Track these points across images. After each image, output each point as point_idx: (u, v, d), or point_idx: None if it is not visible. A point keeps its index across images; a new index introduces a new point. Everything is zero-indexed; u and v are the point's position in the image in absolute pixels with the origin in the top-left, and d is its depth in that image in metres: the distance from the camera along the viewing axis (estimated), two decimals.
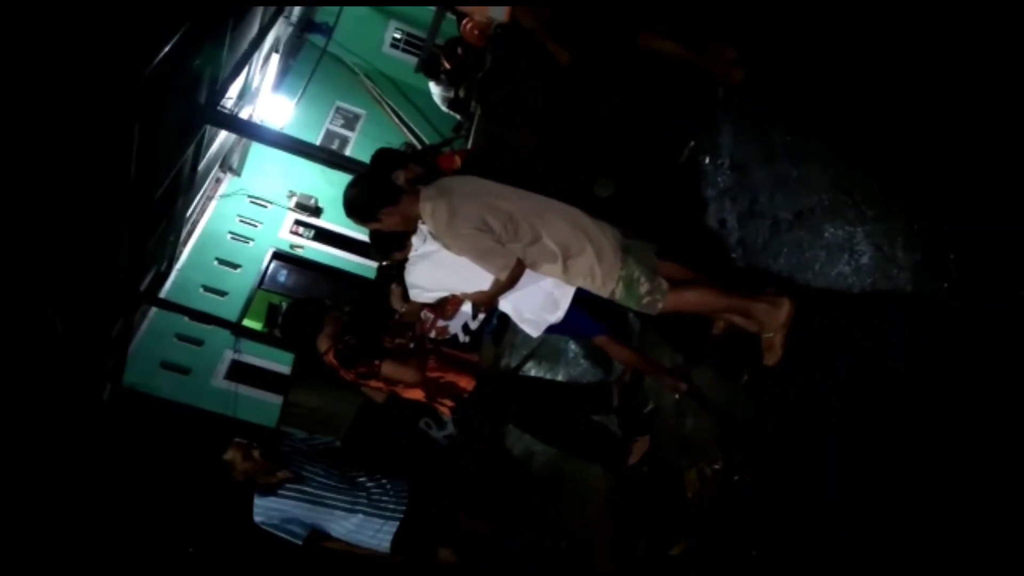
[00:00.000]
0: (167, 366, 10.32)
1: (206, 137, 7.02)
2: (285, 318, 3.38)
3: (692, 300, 2.60)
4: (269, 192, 11.90)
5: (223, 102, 5.59)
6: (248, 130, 5.97)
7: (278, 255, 11.79)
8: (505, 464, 4.75)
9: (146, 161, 4.56)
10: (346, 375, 3.21)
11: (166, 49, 3.76)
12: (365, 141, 12.46)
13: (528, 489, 4.27)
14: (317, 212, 12.00)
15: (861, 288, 2.29)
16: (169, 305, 8.95)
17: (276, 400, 10.20)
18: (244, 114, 8.27)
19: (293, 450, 3.43)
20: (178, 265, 10.59)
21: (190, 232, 10.89)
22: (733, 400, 2.80)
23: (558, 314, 2.75)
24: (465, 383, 3.26)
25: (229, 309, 10.72)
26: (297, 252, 11.87)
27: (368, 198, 2.66)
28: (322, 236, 12.05)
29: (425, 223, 2.70)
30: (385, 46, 13.10)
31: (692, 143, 3.66)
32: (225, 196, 11.59)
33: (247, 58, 6.22)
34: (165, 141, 4.85)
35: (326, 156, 5.66)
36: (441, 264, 2.77)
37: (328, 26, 10.25)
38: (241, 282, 11.33)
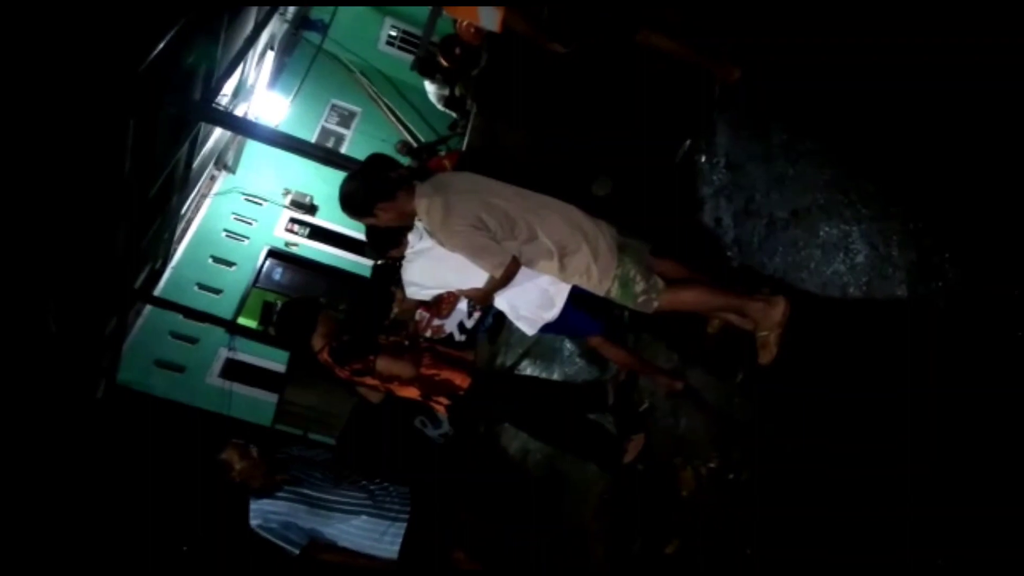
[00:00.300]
0: (161, 364, 10.27)
1: (201, 134, 6.99)
2: (279, 318, 3.36)
3: (688, 299, 2.60)
4: (264, 190, 11.85)
5: (218, 99, 5.56)
6: (243, 127, 5.92)
7: (273, 253, 11.74)
8: (500, 462, 4.75)
9: (141, 158, 4.55)
10: (341, 373, 3.18)
11: (161, 46, 3.75)
12: (361, 139, 12.42)
13: (524, 487, 4.27)
14: (312, 210, 11.96)
15: (856, 287, 2.30)
16: (163, 303, 8.89)
17: (271, 398, 10.14)
18: (239, 111, 8.22)
19: (290, 457, 3.34)
20: (173, 263, 10.54)
21: (185, 230, 10.83)
22: (728, 399, 2.81)
23: (554, 312, 2.75)
24: (460, 381, 3.25)
25: (224, 307, 10.67)
26: (292, 250, 11.82)
27: (364, 193, 2.65)
28: (317, 234, 12.01)
29: (421, 220, 2.70)
30: (381, 43, 13.04)
31: (688, 142, 3.67)
32: (220, 194, 11.53)
33: (242, 55, 6.19)
34: (160, 138, 4.84)
35: (321, 154, 5.61)
36: (437, 261, 2.77)
37: (323, 23, 10.23)
38: (236, 280, 11.29)
